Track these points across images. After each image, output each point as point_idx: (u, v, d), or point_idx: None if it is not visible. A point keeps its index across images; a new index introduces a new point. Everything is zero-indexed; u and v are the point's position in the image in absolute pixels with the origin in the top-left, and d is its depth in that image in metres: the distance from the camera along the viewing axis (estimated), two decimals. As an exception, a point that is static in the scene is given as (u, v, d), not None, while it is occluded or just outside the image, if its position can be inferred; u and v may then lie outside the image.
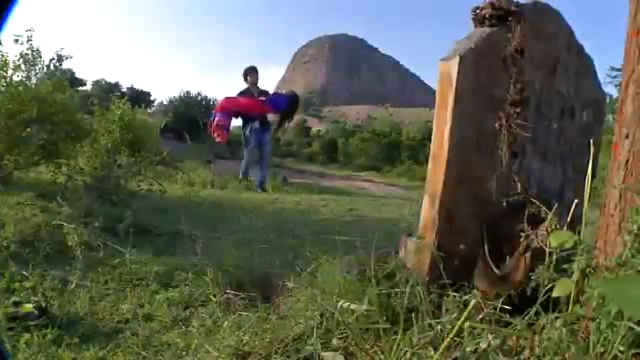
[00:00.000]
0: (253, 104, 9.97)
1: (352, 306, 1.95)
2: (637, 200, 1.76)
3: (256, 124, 9.94)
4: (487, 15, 2.45)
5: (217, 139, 9.97)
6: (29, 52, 6.39)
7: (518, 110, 2.44)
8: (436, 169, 2.40)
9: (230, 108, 10.02)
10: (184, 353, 2.27)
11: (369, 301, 1.98)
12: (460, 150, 2.36)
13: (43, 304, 2.63)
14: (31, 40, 6.36)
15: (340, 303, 1.97)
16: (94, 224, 3.89)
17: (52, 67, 6.72)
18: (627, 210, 1.79)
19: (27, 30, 6.29)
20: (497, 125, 2.43)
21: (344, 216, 6.13)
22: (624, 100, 1.91)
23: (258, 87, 10.50)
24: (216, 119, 9.75)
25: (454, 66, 2.33)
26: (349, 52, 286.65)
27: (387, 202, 7.55)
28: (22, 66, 6.27)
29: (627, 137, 1.86)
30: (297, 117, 9.77)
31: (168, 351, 2.32)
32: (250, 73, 10.42)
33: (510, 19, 2.46)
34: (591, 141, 2.02)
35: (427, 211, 2.43)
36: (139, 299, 2.93)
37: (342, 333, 1.98)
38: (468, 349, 1.49)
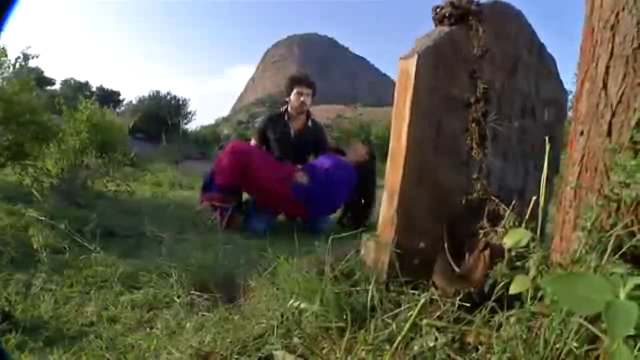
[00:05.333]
0: (278, 181, 5.07)
1: (302, 305, 1.95)
2: (591, 197, 1.78)
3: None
4: (447, 15, 2.46)
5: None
6: (-6, 50, 6.33)
7: (484, 109, 2.46)
8: (394, 167, 2.39)
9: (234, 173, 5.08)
10: (147, 354, 2.25)
11: (327, 300, 1.98)
12: (419, 148, 2.37)
13: (7, 309, 2.60)
14: (-4, 38, 6.30)
15: (290, 302, 1.97)
16: (60, 226, 3.84)
17: (18, 66, 6.66)
18: (581, 207, 1.81)
19: (-9, 29, 6.22)
20: (466, 123, 2.45)
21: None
22: (579, 98, 1.93)
23: (307, 119, 5.63)
24: (212, 194, 5.13)
25: (412, 64, 2.33)
26: (320, 51, 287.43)
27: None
28: (-13, 65, 6.21)
29: (581, 134, 1.88)
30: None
31: (132, 353, 2.30)
32: (299, 85, 5.47)
33: (470, 18, 2.48)
34: (546, 138, 2.03)
35: (386, 209, 2.43)
36: (104, 301, 2.89)
37: (300, 333, 1.98)
38: (416, 348, 1.50)
